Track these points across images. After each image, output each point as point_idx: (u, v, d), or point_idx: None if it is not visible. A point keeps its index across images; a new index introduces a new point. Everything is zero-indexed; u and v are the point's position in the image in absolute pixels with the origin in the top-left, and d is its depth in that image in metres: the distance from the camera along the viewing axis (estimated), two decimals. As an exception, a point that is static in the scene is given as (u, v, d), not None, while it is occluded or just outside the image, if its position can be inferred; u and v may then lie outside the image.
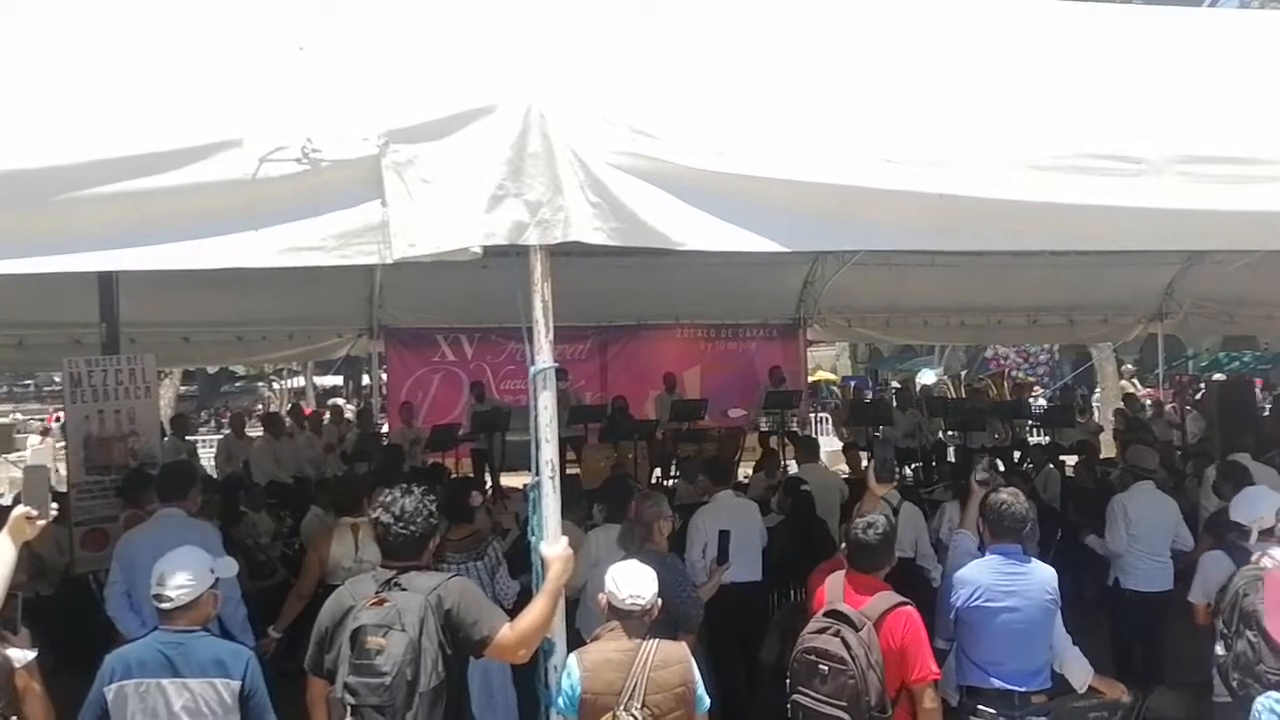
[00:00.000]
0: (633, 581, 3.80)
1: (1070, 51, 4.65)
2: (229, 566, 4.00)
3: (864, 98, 3.96)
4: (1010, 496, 4.47)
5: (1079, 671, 4.43)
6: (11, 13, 3.76)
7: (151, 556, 4.20)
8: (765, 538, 6.70)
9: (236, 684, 3.50)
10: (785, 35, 4.39)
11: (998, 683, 4.28)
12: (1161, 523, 6.47)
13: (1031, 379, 21.92)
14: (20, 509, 3.43)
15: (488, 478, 11.31)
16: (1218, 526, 5.89)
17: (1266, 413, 14.23)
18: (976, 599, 4.32)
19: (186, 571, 3.61)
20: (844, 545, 4.35)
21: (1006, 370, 24.51)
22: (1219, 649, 4.42)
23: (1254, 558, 4.55)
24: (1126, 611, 6.37)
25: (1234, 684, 4.27)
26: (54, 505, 3.58)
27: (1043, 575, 4.40)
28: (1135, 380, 21.72)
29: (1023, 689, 4.26)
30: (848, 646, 3.79)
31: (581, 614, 4.91)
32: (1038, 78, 4.34)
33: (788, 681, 3.99)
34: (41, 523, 3.42)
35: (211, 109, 3.29)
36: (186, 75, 3.46)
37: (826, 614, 3.97)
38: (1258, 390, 18.11)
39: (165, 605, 3.55)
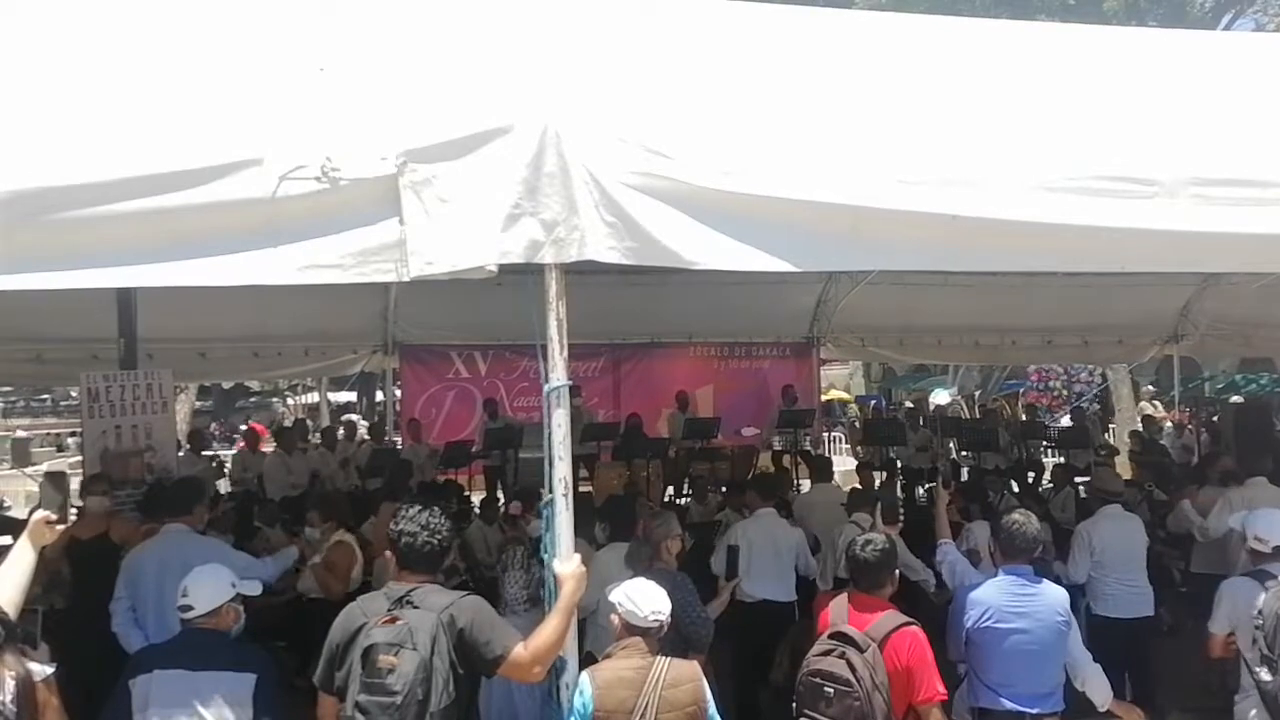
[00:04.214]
0: (652, 598, 3.82)
1: (1084, 74, 4.67)
2: (253, 587, 4.08)
3: (877, 119, 3.99)
4: (1022, 517, 4.47)
5: (1100, 690, 4.40)
6: (39, 33, 3.82)
7: (155, 572, 4.26)
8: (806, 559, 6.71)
9: (252, 678, 3.60)
10: (799, 57, 4.42)
11: (1009, 704, 4.26)
12: (1130, 546, 6.29)
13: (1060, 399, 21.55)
14: (40, 513, 3.50)
15: (500, 494, 11.32)
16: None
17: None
18: (987, 619, 4.31)
19: (208, 584, 3.76)
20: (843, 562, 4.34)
21: (1047, 381, 23.81)
22: (1265, 674, 4.32)
23: None
24: (1101, 639, 5.99)
25: None
26: (73, 511, 3.65)
27: (1054, 596, 4.38)
28: (1156, 402, 21.60)
29: (1034, 711, 4.25)
30: (853, 668, 3.78)
31: (592, 634, 4.91)
32: (1051, 100, 4.35)
33: (794, 704, 3.98)
34: (60, 527, 3.49)
35: (232, 128, 3.34)
36: (208, 94, 3.52)
37: (831, 636, 3.96)
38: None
39: (188, 615, 3.69)
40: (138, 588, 5.02)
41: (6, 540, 3.68)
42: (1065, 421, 16.25)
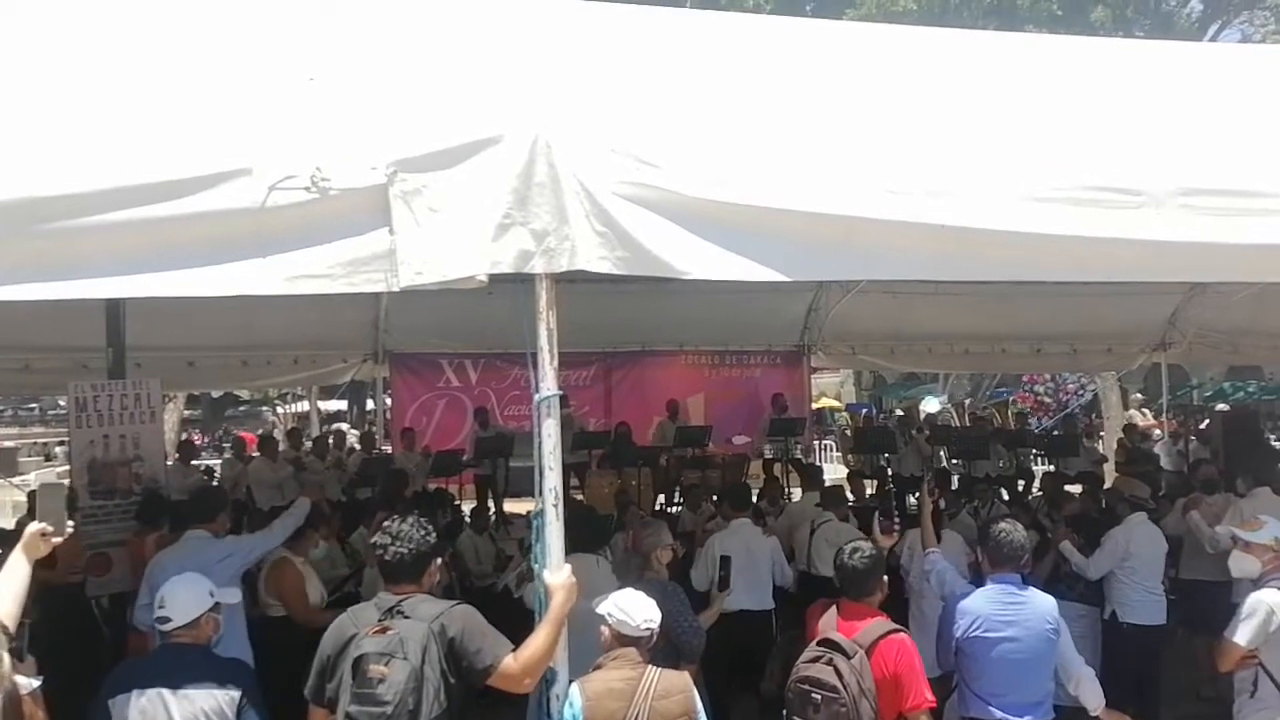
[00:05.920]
0: (642, 608, 3.82)
1: (1072, 85, 4.70)
2: (232, 595, 4.04)
3: (867, 129, 4.00)
4: (1009, 526, 4.47)
5: (1092, 695, 4.41)
6: (27, 42, 3.82)
7: (175, 575, 4.21)
8: (781, 568, 6.69)
9: (236, 693, 3.56)
10: (789, 67, 4.44)
11: (998, 713, 4.26)
12: (1156, 555, 6.42)
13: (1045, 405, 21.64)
14: (35, 525, 3.44)
15: (491, 504, 11.32)
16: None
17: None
18: (976, 629, 4.31)
19: (185, 594, 3.72)
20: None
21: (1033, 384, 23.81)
22: None
23: None
24: (1122, 646, 6.23)
25: None
26: (69, 523, 3.60)
27: (1043, 605, 4.39)
28: (1144, 410, 21.68)
29: (1024, 720, 4.25)
30: (839, 675, 3.78)
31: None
32: (1040, 110, 4.38)
33: (784, 712, 3.99)
34: (56, 540, 3.44)
35: (222, 138, 3.33)
36: (198, 104, 3.51)
37: (819, 643, 3.97)
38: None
39: (165, 626, 3.67)
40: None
41: None
42: (1051, 429, 16.29)
